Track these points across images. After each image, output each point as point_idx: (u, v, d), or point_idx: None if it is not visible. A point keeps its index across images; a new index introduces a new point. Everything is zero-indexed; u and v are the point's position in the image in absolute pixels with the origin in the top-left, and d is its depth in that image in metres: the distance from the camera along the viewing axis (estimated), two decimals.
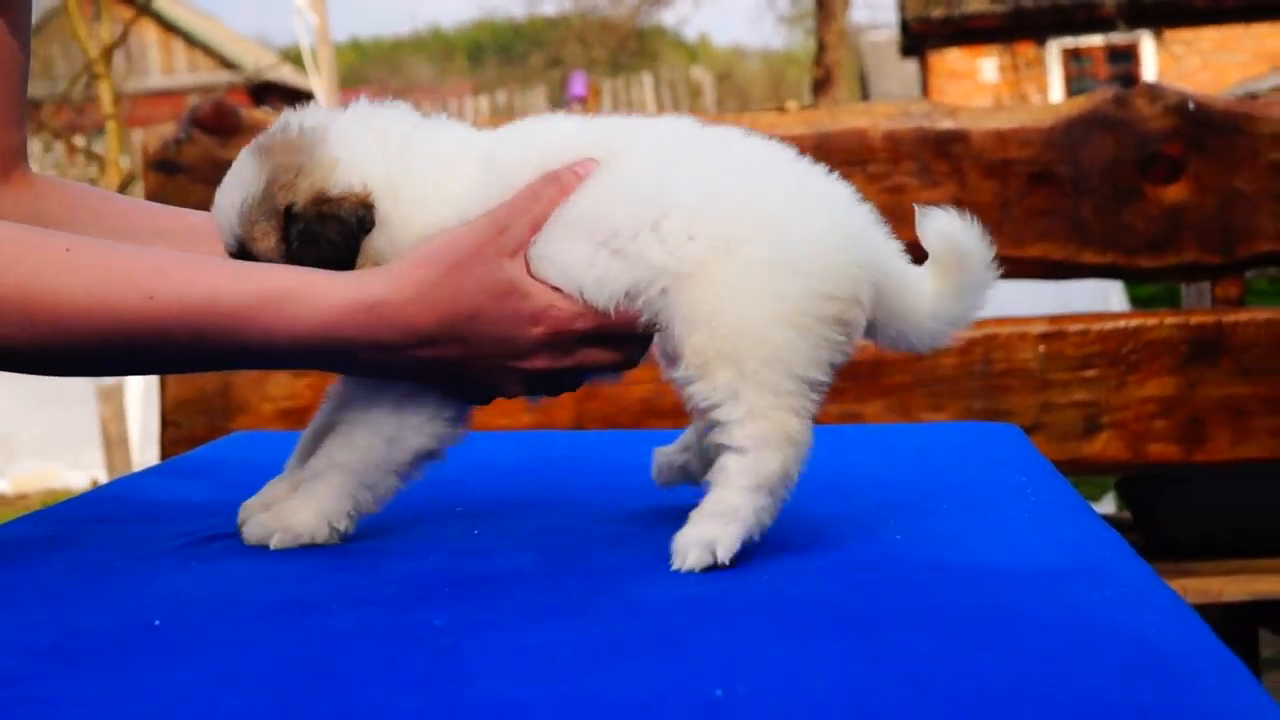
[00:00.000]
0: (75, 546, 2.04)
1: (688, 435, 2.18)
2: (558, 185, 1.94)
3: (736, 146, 2.02)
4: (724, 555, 1.81)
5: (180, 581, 1.82)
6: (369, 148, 2.00)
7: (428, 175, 2.00)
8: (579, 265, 1.94)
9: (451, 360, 1.92)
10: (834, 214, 1.96)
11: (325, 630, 1.58)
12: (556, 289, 1.94)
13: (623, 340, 1.99)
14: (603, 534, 2.01)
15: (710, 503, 1.87)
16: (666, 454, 2.20)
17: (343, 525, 1.99)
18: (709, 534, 1.83)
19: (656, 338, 1.98)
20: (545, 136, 2.04)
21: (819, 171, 2.01)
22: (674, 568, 1.82)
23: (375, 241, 1.96)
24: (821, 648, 1.47)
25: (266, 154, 1.98)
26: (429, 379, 1.96)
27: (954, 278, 2.01)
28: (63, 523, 2.20)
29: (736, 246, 1.89)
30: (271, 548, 1.97)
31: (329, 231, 1.93)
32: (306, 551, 1.95)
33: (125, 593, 1.77)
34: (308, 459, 2.07)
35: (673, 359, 1.93)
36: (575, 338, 1.95)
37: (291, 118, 2.03)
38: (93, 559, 1.95)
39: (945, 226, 2.00)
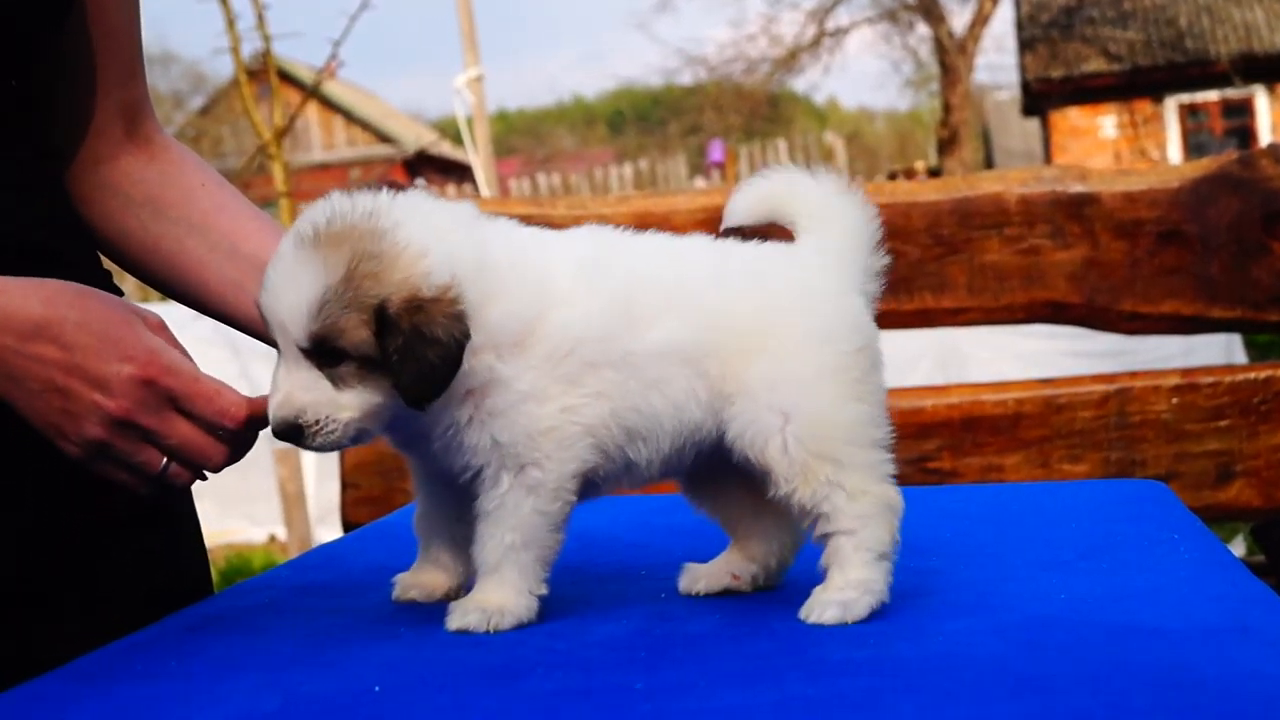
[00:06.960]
0: (289, 615, 2.09)
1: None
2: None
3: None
4: (853, 618, 1.85)
5: (393, 648, 1.85)
6: (450, 233, 1.86)
7: (514, 268, 1.89)
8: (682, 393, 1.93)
9: (48, 365, 1.84)
10: (816, 279, 1.97)
11: (536, 694, 1.61)
12: (172, 349, 1.90)
13: (217, 430, 1.92)
14: (778, 596, 2.03)
15: (837, 581, 1.89)
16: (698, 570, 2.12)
17: (542, 590, 1.96)
18: (845, 597, 1.86)
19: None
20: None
21: (769, 252, 2.01)
22: (801, 617, 1.86)
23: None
24: (1003, 710, 1.48)
25: (334, 243, 1.80)
26: (25, 393, 1.86)
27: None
28: (273, 591, 2.25)
29: (767, 351, 1.91)
30: (489, 630, 1.89)
31: (430, 354, 1.78)
32: None
33: (343, 660, 1.81)
34: (431, 538, 2.09)
35: (758, 477, 1.94)
36: (164, 396, 1.88)
37: (334, 204, 1.85)
38: (308, 627, 2.00)
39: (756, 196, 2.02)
